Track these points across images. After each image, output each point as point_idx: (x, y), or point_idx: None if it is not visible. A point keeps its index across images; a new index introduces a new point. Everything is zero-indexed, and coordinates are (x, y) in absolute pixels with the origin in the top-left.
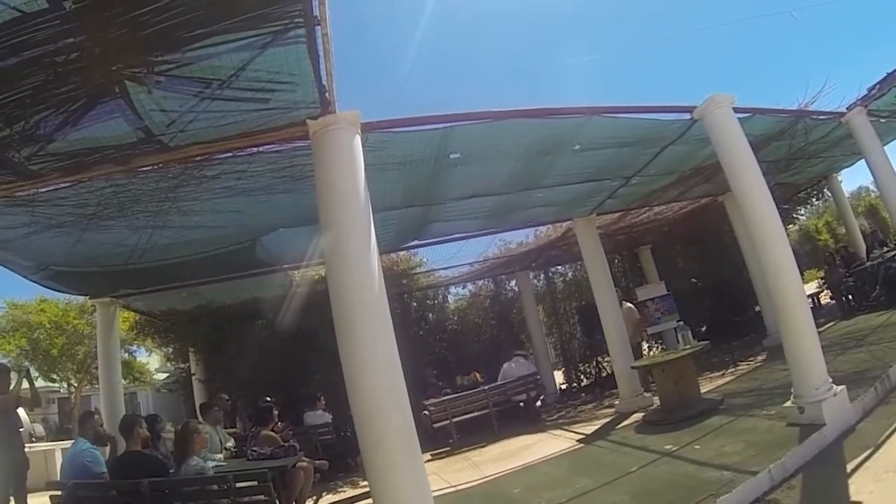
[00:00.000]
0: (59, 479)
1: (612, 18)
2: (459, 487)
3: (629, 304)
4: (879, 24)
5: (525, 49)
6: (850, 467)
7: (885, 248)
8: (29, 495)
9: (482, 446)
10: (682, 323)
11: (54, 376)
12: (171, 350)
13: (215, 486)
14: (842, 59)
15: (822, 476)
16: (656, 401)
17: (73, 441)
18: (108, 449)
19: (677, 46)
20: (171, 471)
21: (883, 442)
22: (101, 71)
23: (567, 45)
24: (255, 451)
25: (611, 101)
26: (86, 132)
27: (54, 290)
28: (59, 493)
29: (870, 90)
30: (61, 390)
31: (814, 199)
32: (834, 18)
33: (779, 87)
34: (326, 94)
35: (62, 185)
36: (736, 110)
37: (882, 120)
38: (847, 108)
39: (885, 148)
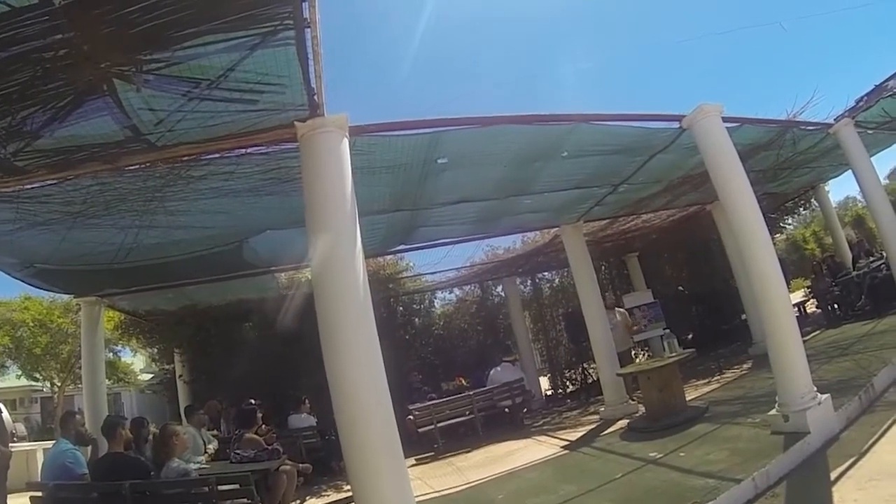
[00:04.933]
0: (39, 479)
1: (604, 27)
2: (443, 493)
3: (622, 310)
4: (868, 37)
5: (522, 53)
6: (833, 476)
7: (871, 258)
8: (9, 496)
9: (467, 452)
10: (668, 331)
11: (37, 375)
12: (156, 351)
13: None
14: (830, 70)
15: (805, 484)
16: (641, 408)
17: (54, 441)
18: (89, 450)
19: (669, 56)
20: (152, 473)
21: (867, 450)
22: (90, 68)
23: (562, 52)
24: (238, 453)
25: (602, 108)
26: (73, 129)
27: (39, 288)
28: (39, 494)
29: (857, 102)
30: (44, 390)
31: (801, 209)
32: (823, 31)
33: (768, 98)
34: (315, 97)
35: (48, 182)
36: (724, 120)
37: (869, 131)
38: (835, 120)
39: (872, 159)
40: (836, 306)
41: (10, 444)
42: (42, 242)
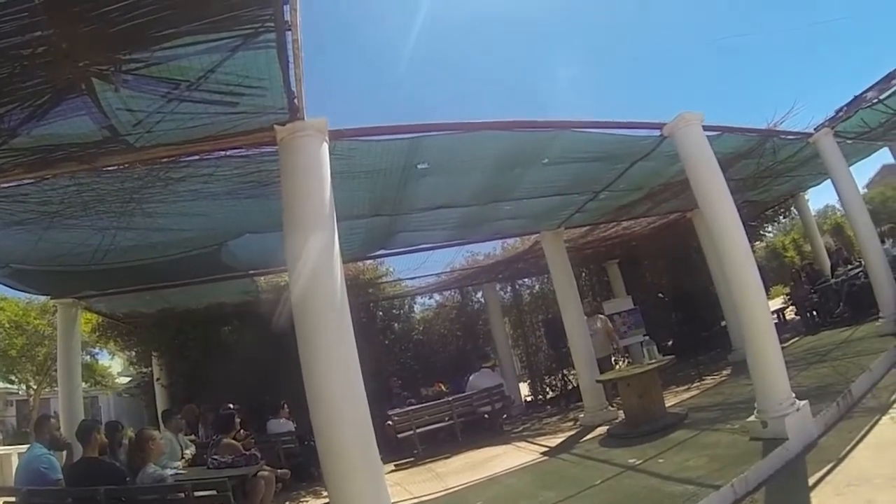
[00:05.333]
0: (13, 484)
1: (602, 31)
2: (422, 499)
3: (603, 317)
4: (849, 48)
5: (515, 57)
6: (812, 481)
7: (849, 266)
8: None
9: (446, 458)
10: (647, 337)
11: (13, 378)
12: (133, 354)
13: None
14: (811, 81)
15: (784, 490)
16: (621, 414)
17: (28, 446)
18: (64, 454)
19: (658, 63)
20: (128, 479)
21: (845, 456)
22: (68, 66)
23: (554, 57)
24: (215, 459)
25: (591, 113)
26: (50, 128)
27: (14, 288)
28: (13, 499)
29: (837, 112)
30: (20, 392)
31: (781, 217)
32: (805, 42)
33: (749, 107)
34: (295, 101)
35: (25, 181)
36: (705, 128)
37: (848, 141)
38: (815, 129)
39: (851, 168)
40: (814, 313)
41: None
42: (18, 242)
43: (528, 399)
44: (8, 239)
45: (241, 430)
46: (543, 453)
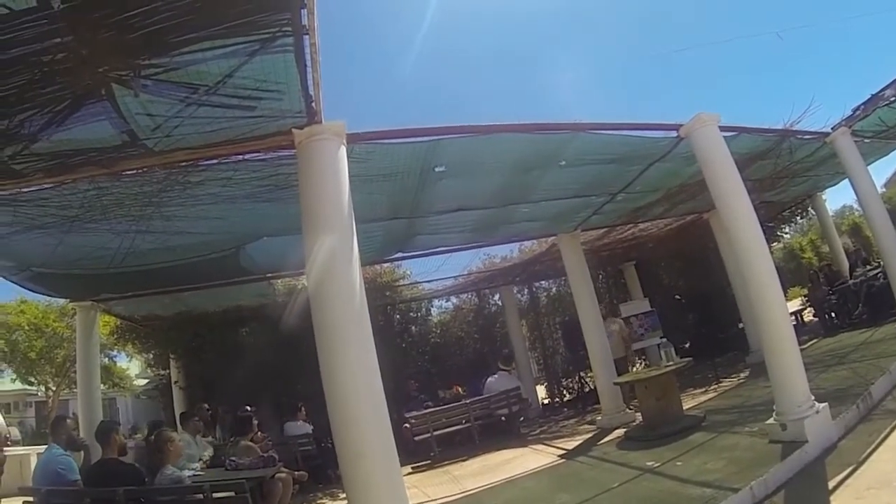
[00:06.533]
0: (32, 485)
1: (603, 37)
2: (439, 501)
3: (619, 320)
4: (865, 47)
5: (524, 55)
6: (832, 484)
7: (868, 267)
8: (2, 500)
9: (463, 460)
10: (664, 339)
11: (32, 379)
12: (151, 356)
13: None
14: (827, 80)
15: (804, 493)
16: (639, 417)
17: (46, 447)
18: (81, 455)
19: (667, 65)
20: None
21: (865, 459)
22: (88, 72)
23: (568, 57)
24: (233, 460)
25: (605, 115)
26: (70, 133)
27: (34, 291)
28: (31, 499)
29: (854, 111)
30: (39, 394)
31: (798, 218)
32: (820, 41)
33: (766, 107)
34: (313, 104)
35: (45, 185)
36: (722, 129)
37: (866, 140)
38: (832, 129)
39: (869, 168)
40: (833, 315)
41: (5, 449)
42: (39, 246)
43: (545, 402)
44: (29, 242)
45: (259, 432)
46: (561, 456)
